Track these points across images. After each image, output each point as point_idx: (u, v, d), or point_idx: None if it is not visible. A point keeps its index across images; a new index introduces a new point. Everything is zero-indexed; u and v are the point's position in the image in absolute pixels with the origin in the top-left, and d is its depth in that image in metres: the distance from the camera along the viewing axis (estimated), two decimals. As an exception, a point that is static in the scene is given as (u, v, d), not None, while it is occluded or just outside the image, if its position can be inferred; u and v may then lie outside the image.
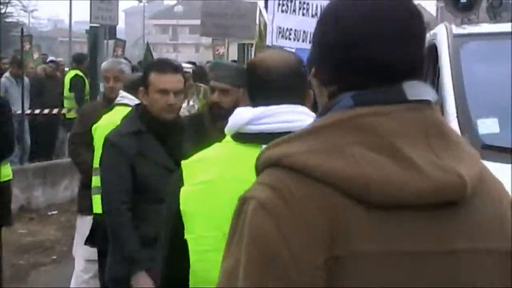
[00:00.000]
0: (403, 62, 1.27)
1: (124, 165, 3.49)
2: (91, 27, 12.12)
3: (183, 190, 1.99)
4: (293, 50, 6.41)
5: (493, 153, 4.01)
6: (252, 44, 15.01)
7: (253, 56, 15.72)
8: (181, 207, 1.97)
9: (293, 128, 1.93)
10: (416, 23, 1.30)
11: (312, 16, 11.93)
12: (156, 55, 17.42)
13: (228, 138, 2.04)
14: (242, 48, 14.56)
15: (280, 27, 11.58)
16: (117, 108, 4.57)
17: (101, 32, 11.81)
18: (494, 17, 6.15)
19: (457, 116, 4.25)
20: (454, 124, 4.21)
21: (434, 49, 5.04)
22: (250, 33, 12.19)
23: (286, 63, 2.07)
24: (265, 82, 2.04)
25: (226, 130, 2.05)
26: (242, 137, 1.99)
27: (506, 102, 4.25)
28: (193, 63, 15.30)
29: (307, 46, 11.34)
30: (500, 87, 4.39)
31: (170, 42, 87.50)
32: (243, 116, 2.00)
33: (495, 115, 4.26)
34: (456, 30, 5.00)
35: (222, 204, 1.88)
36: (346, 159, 1.17)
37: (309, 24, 11.90)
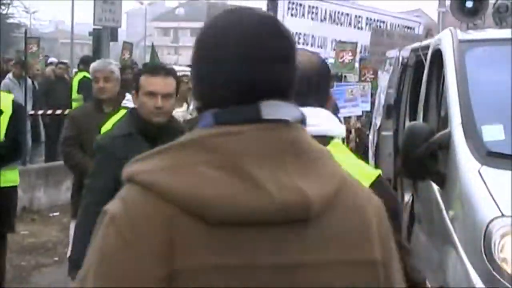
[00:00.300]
0: (263, 83, 1.30)
1: (110, 167, 3.48)
2: (94, 29, 12.09)
3: None
4: None
5: (498, 160, 4.00)
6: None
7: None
8: None
9: (317, 132, 1.92)
10: (282, 44, 1.34)
11: (321, 20, 11.93)
12: (157, 58, 17.37)
13: None
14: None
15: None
16: (121, 111, 4.57)
17: (104, 34, 11.79)
18: (501, 22, 6.13)
19: (461, 123, 4.23)
20: (458, 130, 4.20)
21: (439, 54, 5.03)
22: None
23: (310, 64, 2.01)
24: None
25: None
26: None
27: (511, 109, 4.23)
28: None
29: (316, 50, 11.41)
30: (505, 94, 4.36)
31: (171, 45, 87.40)
32: None
33: (500, 121, 4.24)
34: (462, 35, 4.98)
35: None
36: (190, 177, 1.23)
37: (319, 29, 11.91)
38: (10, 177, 5.36)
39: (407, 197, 5.47)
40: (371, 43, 11.18)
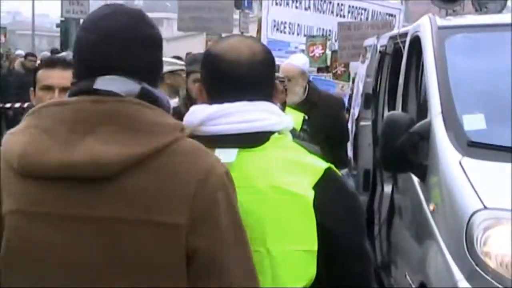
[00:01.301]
0: (97, 61, 1.57)
1: None
2: (61, 20, 12.02)
3: None
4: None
5: (479, 150, 3.88)
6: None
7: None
8: None
9: (252, 129, 1.78)
10: (136, 28, 1.59)
11: (305, 9, 11.88)
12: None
13: None
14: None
15: (275, 21, 11.51)
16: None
17: (72, 26, 11.70)
18: (480, 8, 6.04)
19: (441, 112, 4.11)
20: (438, 120, 4.08)
21: (417, 41, 4.90)
22: (229, 27, 12.04)
23: (253, 54, 1.83)
24: (226, 77, 1.82)
25: None
26: (196, 140, 1.72)
27: (492, 97, 4.14)
28: (179, 58, 15.06)
29: (302, 39, 11.33)
30: (486, 82, 4.28)
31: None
32: (195, 116, 1.80)
33: (481, 110, 4.12)
34: (441, 22, 4.84)
35: None
36: (18, 138, 1.55)
37: (303, 17, 11.86)
38: None
39: (387, 189, 5.36)
40: (339, 38, 11.01)
